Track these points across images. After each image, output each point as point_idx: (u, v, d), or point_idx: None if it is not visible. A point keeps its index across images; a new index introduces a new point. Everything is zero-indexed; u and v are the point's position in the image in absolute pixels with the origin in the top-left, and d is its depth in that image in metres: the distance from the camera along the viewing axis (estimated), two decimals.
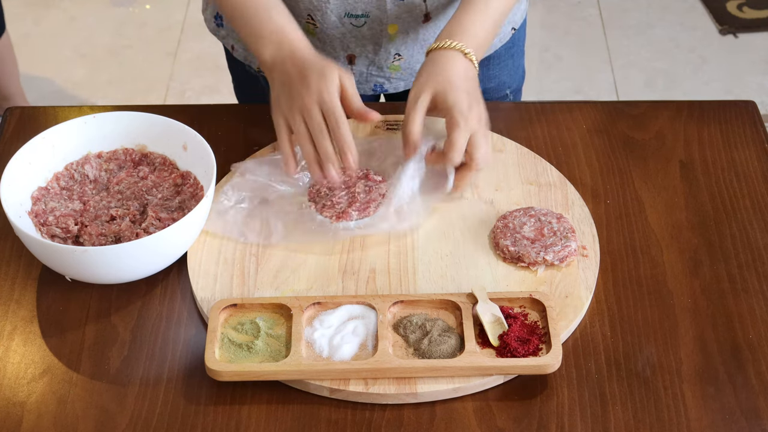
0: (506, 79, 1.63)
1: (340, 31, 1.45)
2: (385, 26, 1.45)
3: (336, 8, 1.42)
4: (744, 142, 1.45)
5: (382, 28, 1.45)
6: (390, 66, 1.51)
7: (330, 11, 1.42)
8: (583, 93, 3.05)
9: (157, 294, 1.26)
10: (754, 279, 1.26)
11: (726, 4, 3.33)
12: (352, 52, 1.48)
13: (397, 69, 1.51)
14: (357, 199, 1.31)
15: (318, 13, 1.43)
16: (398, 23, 1.45)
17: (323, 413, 1.14)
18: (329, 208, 1.31)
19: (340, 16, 1.43)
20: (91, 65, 3.18)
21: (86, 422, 1.13)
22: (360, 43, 1.47)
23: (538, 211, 1.31)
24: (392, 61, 1.50)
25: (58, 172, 1.34)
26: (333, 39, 1.46)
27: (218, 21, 1.55)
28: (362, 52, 1.49)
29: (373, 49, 1.48)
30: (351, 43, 1.47)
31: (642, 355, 1.18)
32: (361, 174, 1.34)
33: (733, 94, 3.03)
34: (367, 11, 1.43)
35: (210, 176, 1.26)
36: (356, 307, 1.21)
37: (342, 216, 1.30)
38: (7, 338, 1.22)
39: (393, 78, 1.53)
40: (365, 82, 1.53)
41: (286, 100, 1.27)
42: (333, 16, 1.43)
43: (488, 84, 1.59)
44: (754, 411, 1.13)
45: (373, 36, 1.46)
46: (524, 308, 1.21)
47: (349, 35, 1.46)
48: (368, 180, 1.34)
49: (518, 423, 1.12)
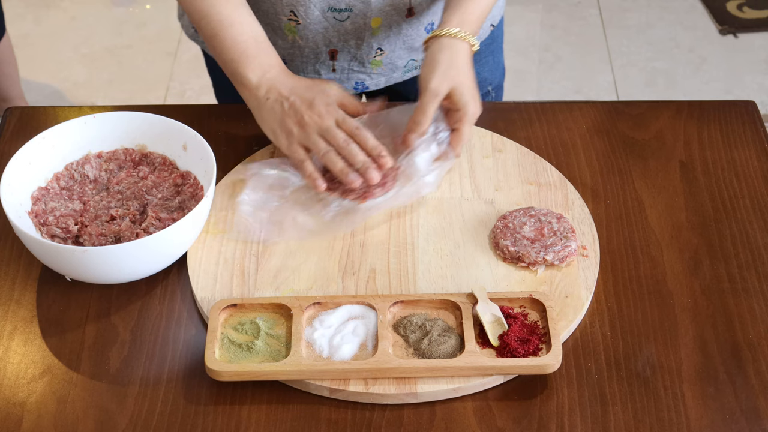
0: (487, 75, 1.64)
1: (323, 25, 1.45)
2: (369, 19, 1.45)
3: (319, 2, 1.42)
4: (744, 142, 1.45)
5: (365, 21, 1.45)
6: (372, 61, 1.51)
7: (313, 5, 1.42)
8: (583, 93, 3.05)
9: (157, 294, 1.26)
10: (754, 279, 1.26)
11: (726, 4, 3.33)
12: (335, 47, 1.48)
13: (378, 64, 1.52)
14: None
15: (301, 9, 1.42)
16: (381, 16, 1.45)
17: (323, 413, 1.14)
18: (350, 191, 1.30)
19: (323, 10, 1.43)
20: (91, 65, 3.18)
21: (86, 422, 1.13)
22: (342, 38, 1.47)
23: (538, 211, 1.31)
24: (374, 56, 1.50)
25: (58, 172, 1.34)
26: (315, 34, 1.46)
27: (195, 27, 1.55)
28: (344, 46, 1.48)
29: (355, 44, 1.48)
30: (333, 37, 1.47)
31: (642, 355, 1.18)
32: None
33: (733, 94, 3.03)
34: (351, 5, 1.43)
35: (210, 176, 1.26)
36: (356, 307, 1.21)
37: (367, 195, 1.30)
38: (7, 338, 1.22)
39: (374, 74, 1.53)
40: (346, 79, 1.53)
41: (298, 130, 1.30)
42: (316, 11, 1.43)
43: None
44: (754, 411, 1.13)
45: (356, 30, 1.46)
46: (524, 308, 1.21)
47: (332, 29, 1.46)
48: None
49: (518, 423, 1.12)
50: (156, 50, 3.23)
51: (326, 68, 1.51)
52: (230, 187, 1.36)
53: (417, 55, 1.53)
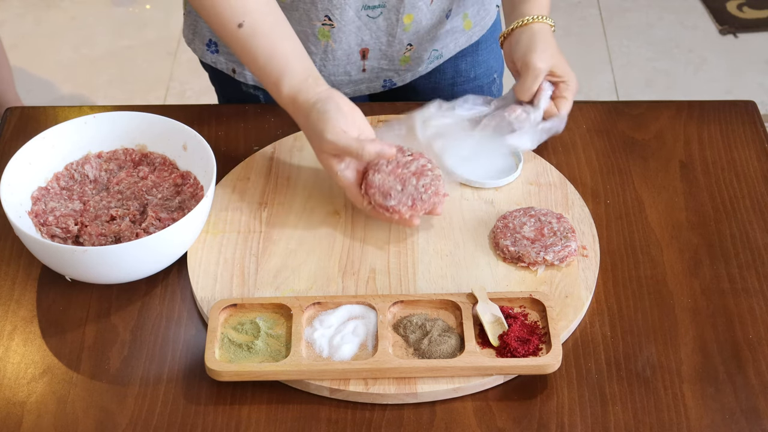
0: (493, 63, 1.65)
1: (356, 25, 1.46)
2: (401, 15, 1.46)
3: (354, 2, 1.43)
4: (744, 142, 1.45)
5: (397, 17, 1.46)
6: (401, 58, 1.52)
7: (348, 6, 1.43)
8: (583, 93, 3.05)
9: (157, 294, 1.26)
10: (754, 279, 1.26)
11: (726, 4, 3.33)
12: (366, 45, 1.49)
13: (407, 60, 1.53)
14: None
15: (337, 12, 1.43)
16: (414, 12, 1.46)
17: (323, 413, 1.14)
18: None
19: (357, 9, 1.44)
20: (91, 65, 3.18)
21: (86, 422, 1.13)
22: (374, 35, 1.48)
23: (538, 211, 1.31)
24: (404, 53, 1.51)
25: (58, 172, 1.34)
26: (348, 35, 1.47)
27: (212, 48, 1.54)
28: (376, 44, 1.49)
29: (387, 41, 1.49)
30: (365, 35, 1.48)
31: (642, 355, 1.18)
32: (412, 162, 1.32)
33: (733, 94, 3.03)
34: (384, 1, 1.43)
35: (210, 176, 1.26)
36: (356, 307, 1.21)
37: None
38: (7, 338, 1.22)
39: (402, 70, 1.55)
40: (375, 78, 1.54)
41: (318, 145, 1.29)
42: (351, 11, 1.44)
43: (478, 69, 1.62)
44: (754, 411, 1.13)
45: (388, 27, 1.47)
46: (524, 308, 1.21)
47: (365, 28, 1.46)
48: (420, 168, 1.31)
49: (518, 423, 1.12)
50: (156, 50, 3.23)
51: (357, 69, 1.52)
52: (230, 187, 1.37)
53: (438, 45, 1.55)
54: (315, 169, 1.39)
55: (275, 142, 1.43)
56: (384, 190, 1.26)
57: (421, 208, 1.27)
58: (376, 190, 1.26)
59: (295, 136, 1.44)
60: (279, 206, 1.35)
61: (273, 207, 1.35)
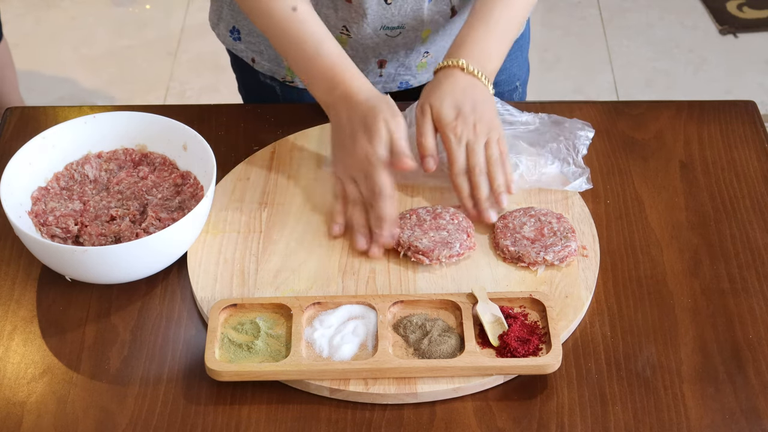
0: (516, 71, 1.64)
1: (374, 41, 1.47)
2: (420, 33, 1.47)
3: (372, 22, 1.43)
4: (744, 142, 1.45)
5: (416, 35, 1.47)
6: (418, 64, 1.53)
7: (366, 25, 1.44)
8: (583, 93, 3.05)
9: (157, 294, 1.26)
10: (754, 279, 1.26)
11: (726, 4, 3.33)
12: (384, 57, 1.50)
13: (424, 66, 1.54)
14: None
15: (354, 26, 1.44)
16: (431, 26, 1.47)
17: (323, 413, 1.14)
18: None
19: (375, 28, 1.44)
20: (91, 65, 3.18)
21: (86, 422, 1.13)
22: (393, 50, 1.49)
23: (538, 211, 1.31)
24: (421, 60, 1.52)
25: (58, 172, 1.34)
26: (366, 48, 1.48)
27: (235, 35, 1.54)
28: (394, 57, 1.50)
29: (404, 53, 1.50)
30: (383, 50, 1.49)
31: (642, 355, 1.18)
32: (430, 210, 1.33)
33: (733, 94, 3.03)
34: (404, 23, 1.44)
35: (210, 176, 1.26)
36: (356, 307, 1.21)
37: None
38: (7, 338, 1.22)
39: (419, 73, 1.55)
40: (392, 81, 1.55)
41: (341, 158, 1.30)
42: (369, 29, 1.44)
43: (499, 76, 1.59)
44: (754, 411, 1.13)
45: (406, 43, 1.48)
46: (524, 308, 1.21)
47: (383, 44, 1.48)
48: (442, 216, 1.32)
49: (518, 423, 1.12)
50: (156, 50, 3.23)
51: (373, 75, 1.53)
52: (230, 187, 1.37)
53: None
54: (315, 169, 1.39)
55: (275, 142, 1.43)
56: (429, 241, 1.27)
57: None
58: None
59: (295, 136, 1.44)
60: (279, 206, 1.35)
61: (273, 207, 1.35)
